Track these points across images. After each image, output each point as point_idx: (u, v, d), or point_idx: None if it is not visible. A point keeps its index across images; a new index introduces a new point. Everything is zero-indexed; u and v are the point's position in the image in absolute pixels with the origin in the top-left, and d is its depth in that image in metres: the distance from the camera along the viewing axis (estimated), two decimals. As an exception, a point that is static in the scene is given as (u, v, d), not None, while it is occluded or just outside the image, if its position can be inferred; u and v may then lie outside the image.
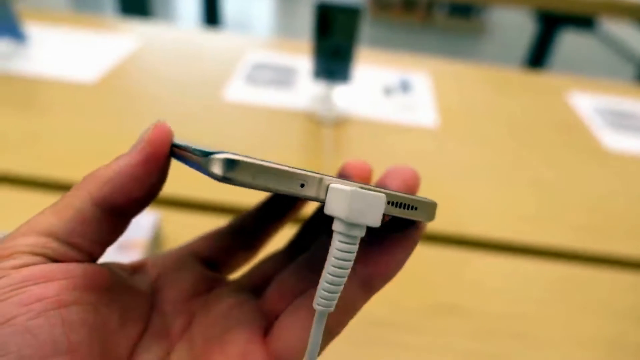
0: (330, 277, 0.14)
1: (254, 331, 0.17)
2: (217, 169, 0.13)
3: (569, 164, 0.62)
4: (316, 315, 0.15)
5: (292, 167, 0.13)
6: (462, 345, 0.39)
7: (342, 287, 0.15)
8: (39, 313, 0.14)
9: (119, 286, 0.17)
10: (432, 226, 0.49)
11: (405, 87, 0.76)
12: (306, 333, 0.16)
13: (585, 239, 0.50)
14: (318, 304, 0.15)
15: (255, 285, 0.20)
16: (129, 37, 0.81)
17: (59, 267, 0.15)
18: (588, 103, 0.78)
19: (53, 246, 0.15)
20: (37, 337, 0.14)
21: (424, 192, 0.53)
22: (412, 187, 0.18)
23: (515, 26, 3.12)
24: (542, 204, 0.54)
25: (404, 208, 0.15)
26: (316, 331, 0.15)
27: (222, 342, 0.17)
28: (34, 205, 0.46)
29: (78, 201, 0.16)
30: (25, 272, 0.15)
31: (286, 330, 0.16)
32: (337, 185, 0.14)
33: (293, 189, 0.13)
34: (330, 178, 0.14)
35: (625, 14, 1.26)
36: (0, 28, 0.71)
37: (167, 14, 2.89)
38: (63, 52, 0.74)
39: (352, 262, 0.14)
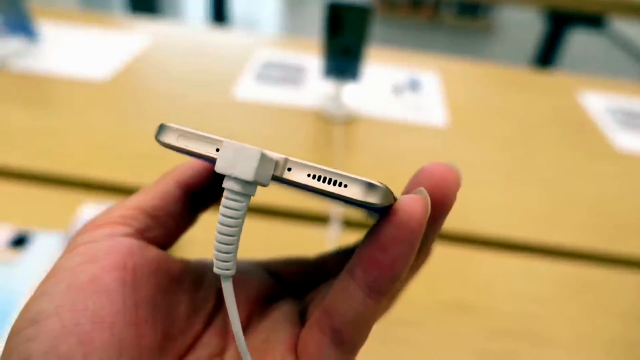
0: (218, 235, 0.14)
1: (289, 345, 0.17)
2: (156, 133, 0.15)
3: (579, 164, 0.62)
4: (221, 280, 0.15)
5: (213, 134, 0.15)
6: (471, 343, 0.39)
7: (233, 247, 0.15)
8: (118, 280, 0.15)
9: (190, 280, 0.18)
10: (441, 225, 0.49)
11: (414, 85, 0.76)
12: (320, 351, 0.16)
13: (595, 239, 0.50)
14: (216, 267, 0.15)
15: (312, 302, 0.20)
16: (140, 35, 0.82)
17: (139, 244, 0.17)
18: (598, 102, 0.78)
19: (140, 218, 0.18)
20: (112, 302, 0.15)
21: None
22: (442, 188, 0.15)
23: (524, 25, 3.11)
24: (552, 203, 0.54)
25: (327, 182, 0.14)
26: (227, 296, 0.15)
27: (261, 352, 0.17)
28: (47, 201, 0.47)
29: (164, 183, 0.19)
30: (114, 241, 0.16)
31: (303, 347, 0.16)
32: (227, 141, 0.14)
33: (209, 152, 0.15)
34: (247, 145, 0.14)
35: (635, 13, 1.25)
36: (12, 25, 0.72)
37: (175, 11, 2.90)
38: (75, 50, 0.75)
39: (237, 221, 0.14)
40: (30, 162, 0.51)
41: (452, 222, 0.50)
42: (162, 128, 0.15)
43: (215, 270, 0.15)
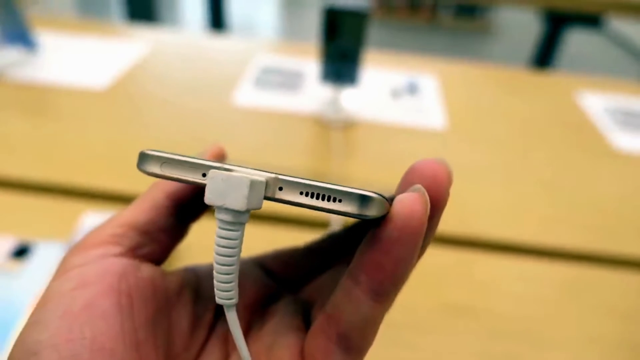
0: (216, 265, 0.14)
1: (295, 352, 0.17)
2: (137, 163, 0.15)
3: (578, 164, 0.62)
4: (225, 310, 0.15)
5: (196, 158, 0.14)
6: (473, 346, 0.39)
7: (233, 276, 0.14)
8: (114, 304, 0.15)
9: (188, 293, 0.18)
10: (440, 227, 0.49)
11: (412, 89, 0.76)
12: (327, 358, 0.15)
13: (595, 240, 0.50)
14: (218, 297, 0.14)
15: (311, 298, 0.20)
16: (138, 42, 0.82)
17: (132, 264, 0.16)
18: (597, 102, 0.78)
19: (131, 235, 0.17)
20: (109, 328, 0.14)
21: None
22: (436, 185, 0.14)
23: (522, 25, 3.11)
24: (552, 205, 0.54)
25: (320, 198, 0.13)
26: (232, 326, 0.15)
27: (267, 357, 0.17)
28: (48, 211, 0.47)
29: (153, 195, 0.18)
30: (106, 262, 0.16)
31: (310, 355, 0.16)
32: (213, 171, 0.14)
33: (196, 178, 0.14)
34: (234, 167, 0.14)
35: (633, 13, 1.25)
36: (11, 36, 0.72)
37: (173, 18, 2.90)
38: (73, 59, 0.75)
39: (235, 250, 0.14)
40: (31, 171, 0.51)
41: (452, 225, 0.50)
42: (142, 157, 0.15)
43: (218, 300, 0.14)
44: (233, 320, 0.15)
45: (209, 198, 0.13)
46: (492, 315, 0.42)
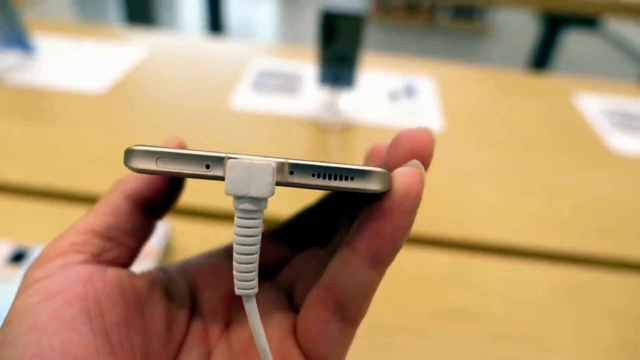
0: (238, 256, 0.14)
1: (287, 329, 0.17)
2: (125, 160, 0.14)
3: (575, 167, 0.62)
4: (243, 301, 0.15)
5: (195, 150, 0.14)
6: (470, 350, 0.39)
7: (254, 265, 0.14)
8: (81, 311, 0.14)
9: (160, 292, 0.18)
10: (438, 231, 0.49)
11: (410, 91, 0.76)
12: (324, 328, 0.16)
13: (594, 242, 0.50)
14: (238, 288, 0.14)
15: (290, 283, 0.20)
16: (136, 46, 0.82)
17: (97, 269, 0.16)
18: (594, 104, 0.78)
19: (93, 242, 0.17)
20: (80, 336, 0.14)
21: (430, 197, 0.53)
22: (422, 149, 0.15)
23: (519, 27, 3.12)
24: (549, 207, 0.54)
25: (331, 178, 0.14)
26: (252, 317, 0.15)
27: None
28: (44, 216, 0.47)
29: (112, 199, 0.18)
30: (69, 272, 0.15)
31: (305, 327, 0.16)
32: (232, 160, 0.13)
33: (200, 170, 0.13)
34: (238, 155, 0.13)
35: (630, 14, 1.26)
36: (8, 39, 0.72)
37: (171, 21, 2.91)
38: (71, 63, 0.75)
39: (257, 239, 0.14)
40: (28, 176, 0.51)
41: (449, 228, 0.50)
42: (131, 153, 0.14)
43: (238, 292, 0.14)
44: (253, 310, 0.15)
45: (230, 189, 0.13)
46: (490, 318, 0.42)
